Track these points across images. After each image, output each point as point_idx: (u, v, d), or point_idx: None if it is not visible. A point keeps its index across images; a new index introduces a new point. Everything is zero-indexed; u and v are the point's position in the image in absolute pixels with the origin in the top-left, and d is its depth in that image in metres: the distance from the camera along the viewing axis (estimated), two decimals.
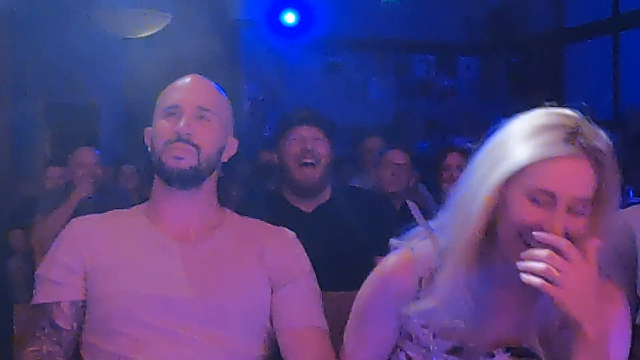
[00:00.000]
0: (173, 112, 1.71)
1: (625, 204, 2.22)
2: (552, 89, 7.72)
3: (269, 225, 1.82)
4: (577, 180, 1.35)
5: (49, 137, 7.06)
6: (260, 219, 1.86)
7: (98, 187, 4.29)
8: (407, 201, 1.69)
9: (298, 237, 1.82)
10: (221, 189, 1.82)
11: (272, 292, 1.71)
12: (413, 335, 1.50)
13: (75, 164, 4.26)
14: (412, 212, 1.59)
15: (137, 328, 1.61)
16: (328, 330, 1.72)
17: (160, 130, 1.72)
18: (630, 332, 1.50)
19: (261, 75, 7.10)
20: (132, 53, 5.71)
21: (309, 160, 2.57)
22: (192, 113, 1.71)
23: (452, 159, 3.90)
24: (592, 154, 1.35)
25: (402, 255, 1.51)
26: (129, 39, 5.85)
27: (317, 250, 1.90)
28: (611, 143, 1.39)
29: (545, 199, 1.34)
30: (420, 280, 1.48)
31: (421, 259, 1.48)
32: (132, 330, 1.61)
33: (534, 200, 1.35)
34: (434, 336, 1.47)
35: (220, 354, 1.62)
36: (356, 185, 3.84)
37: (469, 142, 1.52)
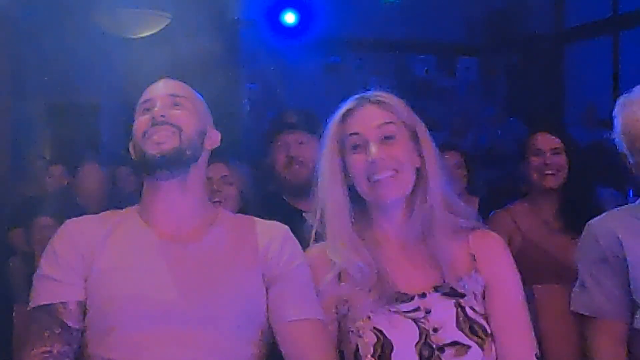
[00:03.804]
0: (147, 107, 1.74)
1: (625, 204, 2.22)
2: (552, 89, 7.72)
3: (262, 220, 1.82)
4: (369, 117, 1.77)
5: (49, 137, 7.06)
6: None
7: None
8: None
9: (298, 237, 1.82)
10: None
11: (267, 287, 1.71)
12: (349, 311, 1.73)
13: (80, 184, 4.19)
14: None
15: (132, 332, 1.60)
16: (324, 321, 1.72)
17: (137, 126, 1.73)
18: (510, 260, 1.83)
19: (261, 75, 7.10)
20: (132, 53, 5.71)
21: (295, 166, 2.61)
22: (165, 101, 1.73)
23: (448, 158, 3.90)
24: (377, 101, 1.79)
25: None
26: (129, 39, 5.84)
27: None
28: (396, 96, 1.83)
29: (359, 142, 1.75)
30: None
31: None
32: (128, 334, 1.60)
33: (355, 148, 1.76)
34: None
35: (215, 353, 1.61)
36: None
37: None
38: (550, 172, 3.02)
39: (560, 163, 3.03)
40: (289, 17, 6.91)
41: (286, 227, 1.81)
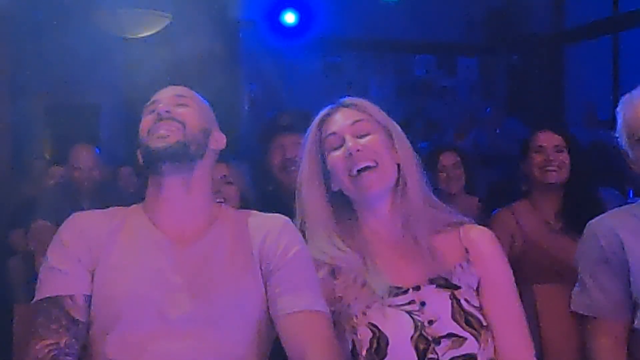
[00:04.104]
0: (153, 109, 1.75)
1: (625, 204, 2.22)
2: (552, 89, 7.72)
3: (260, 213, 1.82)
4: (343, 117, 1.86)
5: (49, 137, 7.06)
6: None
7: (97, 188, 4.28)
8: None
9: None
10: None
11: (265, 281, 1.70)
12: (343, 308, 1.74)
13: (73, 165, 4.24)
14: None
15: (133, 330, 1.60)
16: (326, 313, 1.70)
17: (142, 125, 1.75)
18: (502, 255, 1.86)
19: (261, 75, 7.09)
20: (132, 53, 5.70)
21: (291, 168, 2.61)
22: (170, 101, 1.75)
23: (446, 159, 3.90)
24: (349, 105, 1.88)
25: None
26: (129, 39, 5.84)
27: None
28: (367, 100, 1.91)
29: (337, 141, 1.83)
30: None
31: None
32: (129, 333, 1.60)
33: (335, 149, 1.83)
34: (356, 299, 1.74)
35: (216, 353, 1.61)
36: None
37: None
38: (552, 168, 3.02)
39: (562, 160, 3.03)
40: (289, 17, 6.91)
41: (286, 218, 1.80)
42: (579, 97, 7.47)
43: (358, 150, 1.79)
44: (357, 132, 1.83)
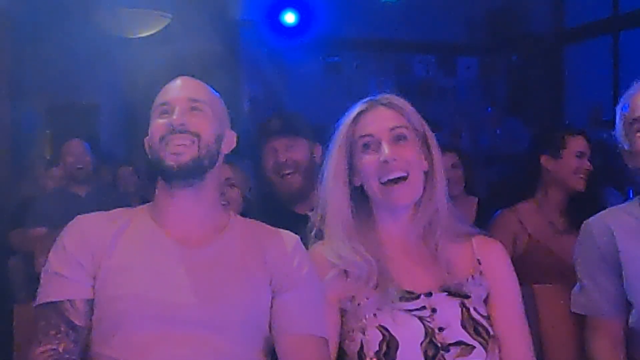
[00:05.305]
0: (165, 110, 1.72)
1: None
2: (552, 89, 7.72)
3: (273, 228, 1.81)
4: (381, 119, 1.81)
5: (49, 137, 7.05)
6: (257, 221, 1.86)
7: (97, 188, 4.29)
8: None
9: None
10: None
11: (273, 295, 1.70)
12: (349, 309, 1.75)
13: (65, 154, 4.46)
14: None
15: (137, 332, 1.59)
16: (327, 339, 1.71)
17: (154, 129, 1.72)
18: (512, 268, 1.88)
19: (261, 75, 7.09)
20: (132, 53, 5.70)
21: (285, 172, 2.61)
22: (183, 106, 1.71)
23: (445, 160, 3.89)
24: (389, 104, 1.84)
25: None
26: (129, 39, 5.84)
27: None
28: (404, 100, 1.87)
29: (372, 144, 1.79)
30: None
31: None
32: (133, 334, 1.59)
33: (366, 148, 1.79)
34: (368, 298, 1.74)
35: (219, 357, 1.60)
36: None
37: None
38: (584, 176, 3.02)
39: (590, 167, 3.04)
40: (289, 17, 6.90)
41: (297, 237, 1.80)
42: (579, 97, 7.47)
43: (394, 160, 1.77)
44: (395, 138, 1.80)
